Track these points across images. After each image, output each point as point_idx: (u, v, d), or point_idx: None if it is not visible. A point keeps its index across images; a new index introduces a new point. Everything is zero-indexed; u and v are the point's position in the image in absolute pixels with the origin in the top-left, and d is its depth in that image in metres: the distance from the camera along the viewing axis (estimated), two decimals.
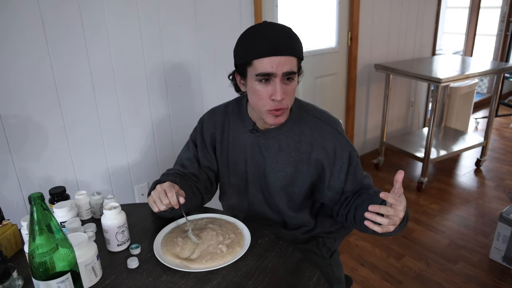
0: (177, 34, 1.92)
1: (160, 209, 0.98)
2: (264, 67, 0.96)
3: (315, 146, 1.08)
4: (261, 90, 0.99)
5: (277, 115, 1.02)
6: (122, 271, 0.94)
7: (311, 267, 0.93)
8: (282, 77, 0.98)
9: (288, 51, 0.96)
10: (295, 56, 0.99)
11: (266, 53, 0.95)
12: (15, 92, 1.54)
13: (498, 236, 2.05)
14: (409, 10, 3.18)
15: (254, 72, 0.98)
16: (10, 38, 1.48)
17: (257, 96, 1.01)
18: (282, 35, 0.98)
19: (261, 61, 0.96)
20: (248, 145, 1.14)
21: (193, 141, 1.23)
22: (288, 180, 1.12)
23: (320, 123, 1.10)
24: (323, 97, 2.87)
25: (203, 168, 1.21)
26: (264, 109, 1.01)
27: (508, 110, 4.39)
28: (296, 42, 1.00)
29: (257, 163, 1.14)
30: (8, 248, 1.00)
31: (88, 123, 1.76)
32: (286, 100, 1.00)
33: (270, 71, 0.96)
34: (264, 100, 1.00)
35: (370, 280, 1.98)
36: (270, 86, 0.98)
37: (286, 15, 2.44)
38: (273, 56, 0.95)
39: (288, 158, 1.10)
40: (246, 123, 1.14)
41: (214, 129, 1.19)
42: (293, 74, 0.99)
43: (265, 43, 0.96)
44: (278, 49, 0.95)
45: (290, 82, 1.00)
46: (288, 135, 1.10)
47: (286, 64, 0.96)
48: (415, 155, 2.91)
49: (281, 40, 0.96)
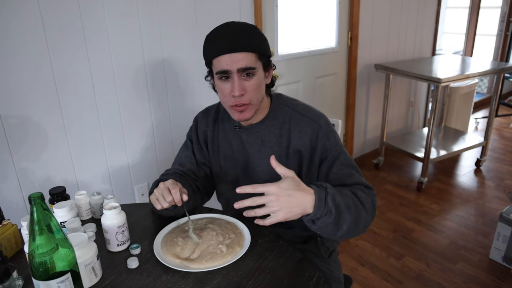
0: (177, 34, 1.92)
1: (163, 206, 0.98)
2: (221, 65, 1.00)
3: (294, 138, 1.09)
4: (222, 87, 1.03)
5: (241, 111, 1.04)
6: (122, 271, 0.94)
7: (311, 267, 0.93)
8: (240, 74, 1.00)
9: (243, 48, 0.99)
10: (251, 52, 1.00)
11: (221, 51, 0.99)
12: (15, 92, 1.54)
13: (498, 236, 2.05)
14: (409, 10, 3.17)
15: (215, 71, 1.03)
16: (10, 38, 1.48)
17: (220, 93, 1.06)
18: (237, 33, 1.00)
19: (218, 59, 1.00)
20: (234, 141, 1.17)
21: (190, 139, 1.26)
22: (273, 174, 1.12)
23: (299, 116, 1.11)
24: (323, 97, 2.87)
25: (201, 165, 1.23)
26: (228, 105, 1.05)
27: (508, 110, 4.39)
28: (253, 39, 1.01)
29: (243, 159, 1.16)
30: (8, 248, 1.00)
31: (88, 123, 1.76)
32: (247, 96, 1.02)
33: (226, 68, 0.99)
34: (227, 97, 1.04)
35: (370, 280, 1.98)
36: (229, 83, 1.02)
37: (286, 15, 2.44)
38: (227, 53, 0.98)
39: (270, 153, 1.11)
40: (232, 120, 1.17)
41: (207, 127, 1.22)
42: (251, 70, 1.01)
43: (220, 42, 1.00)
44: (232, 46, 0.98)
45: (250, 78, 1.02)
46: (270, 130, 1.12)
47: (241, 61, 0.99)
48: (415, 155, 2.91)
49: (236, 38, 0.99)
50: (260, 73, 1.04)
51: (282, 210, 0.85)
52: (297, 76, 2.65)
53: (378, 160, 3.21)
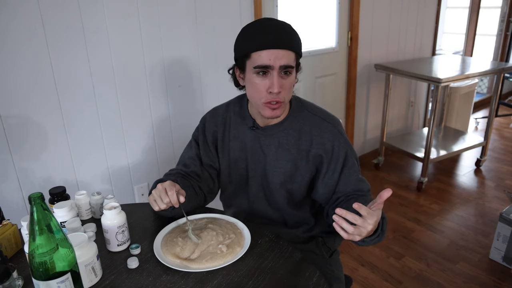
0: (177, 34, 1.92)
1: (161, 207, 0.99)
2: (262, 60, 0.98)
3: (314, 143, 1.09)
4: (258, 82, 1.02)
5: (274, 108, 1.04)
6: (122, 271, 0.94)
7: (311, 267, 0.93)
8: (279, 70, 1.00)
9: (286, 45, 0.99)
10: (293, 51, 1.01)
11: (264, 46, 0.98)
12: (15, 92, 1.54)
13: (498, 236, 2.05)
14: (409, 10, 3.17)
15: (252, 65, 1.01)
16: (10, 38, 1.48)
17: (254, 89, 1.04)
18: (281, 30, 1.00)
19: (259, 53, 0.99)
20: (249, 142, 1.15)
21: (195, 140, 1.24)
22: (288, 177, 1.12)
23: (319, 121, 1.11)
24: (323, 97, 2.87)
25: (205, 167, 1.21)
26: (261, 101, 1.04)
27: (508, 110, 4.39)
28: (294, 38, 1.02)
29: (257, 160, 1.15)
30: (8, 248, 1.00)
31: (88, 123, 1.76)
32: (283, 94, 1.02)
33: (267, 64, 0.98)
34: (262, 93, 1.02)
35: (370, 280, 1.98)
36: (267, 79, 1.01)
37: (286, 15, 2.44)
38: (271, 49, 0.98)
39: (288, 155, 1.11)
40: (246, 120, 1.15)
41: (216, 127, 1.20)
42: (291, 68, 1.01)
43: (264, 36, 0.98)
44: (276, 42, 0.98)
45: (288, 76, 1.02)
46: (288, 132, 1.11)
47: (283, 58, 0.98)
48: (415, 155, 2.91)
49: (280, 35, 0.99)
50: (294, 73, 1.05)
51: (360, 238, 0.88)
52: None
53: (378, 160, 3.21)
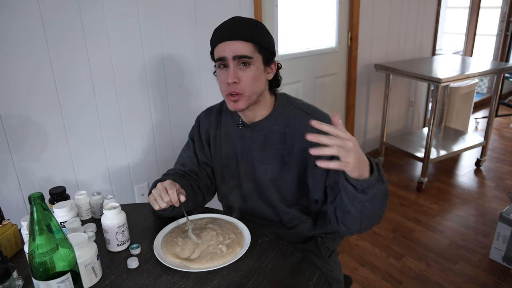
0: (177, 34, 1.92)
1: (161, 206, 0.98)
2: (219, 52, 1.03)
3: (299, 137, 1.09)
4: (220, 75, 1.06)
5: (234, 100, 1.04)
6: (122, 271, 0.94)
7: (311, 267, 0.93)
8: (236, 62, 1.01)
9: (241, 37, 1.00)
10: (250, 41, 1.01)
11: (220, 39, 1.02)
12: (15, 92, 1.54)
13: (498, 236, 2.05)
14: (409, 10, 3.17)
15: (215, 59, 1.06)
16: (10, 38, 1.48)
17: (219, 82, 1.08)
18: (239, 23, 1.03)
19: (217, 47, 1.03)
20: (237, 140, 1.16)
21: (192, 139, 1.25)
22: (276, 173, 1.12)
23: (304, 115, 1.10)
24: (323, 97, 2.87)
25: (202, 165, 1.23)
26: (224, 94, 1.07)
27: (508, 110, 4.39)
28: (254, 30, 1.03)
29: (246, 157, 1.16)
30: (8, 248, 1.00)
31: (88, 123, 1.76)
32: (241, 85, 1.03)
33: (222, 55, 1.02)
34: (223, 85, 1.05)
35: (370, 280, 1.98)
36: (226, 71, 1.03)
37: (286, 15, 2.44)
38: (225, 41, 1.01)
39: (274, 151, 1.11)
40: (234, 118, 1.17)
41: (209, 126, 1.22)
42: (247, 59, 1.01)
43: (221, 31, 1.03)
44: (230, 34, 1.01)
45: (246, 68, 1.02)
46: (274, 128, 1.11)
47: (237, 48, 1.00)
48: (415, 155, 2.91)
49: (236, 28, 1.02)
50: (258, 65, 1.04)
51: (354, 159, 0.81)
52: (297, 76, 2.65)
53: (378, 160, 3.21)
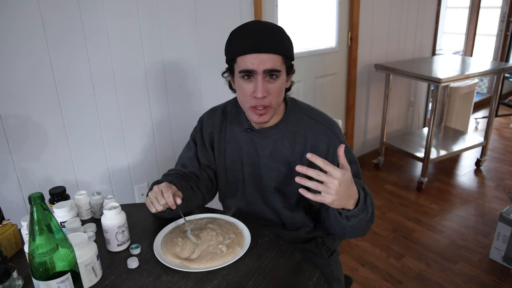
0: (177, 34, 1.92)
1: (158, 209, 0.99)
2: (246, 64, 0.98)
3: (308, 146, 1.08)
4: (244, 87, 1.01)
5: (261, 114, 1.02)
6: (122, 271, 0.94)
7: (311, 267, 0.93)
8: (264, 75, 0.98)
9: (270, 49, 0.97)
10: (278, 54, 0.98)
11: (248, 50, 0.97)
12: (15, 92, 1.54)
13: (498, 236, 2.05)
14: (409, 10, 3.17)
15: (238, 69, 1.00)
16: (10, 38, 1.48)
17: (241, 93, 1.03)
18: (266, 33, 0.98)
19: (243, 58, 0.98)
20: (244, 144, 1.15)
21: (193, 140, 1.23)
22: (282, 179, 1.12)
23: (315, 123, 1.10)
24: (323, 97, 2.87)
25: (203, 167, 1.21)
26: (247, 106, 1.03)
27: (508, 110, 4.39)
28: (281, 41, 1.00)
29: (252, 163, 1.15)
30: (8, 248, 1.00)
31: (88, 123, 1.76)
32: (269, 98, 1.00)
33: (251, 68, 0.97)
34: (247, 97, 1.01)
35: (370, 280, 1.98)
36: (252, 83, 1.00)
37: (286, 15, 2.44)
38: (254, 53, 0.96)
39: (282, 158, 1.10)
40: (242, 122, 1.15)
41: (213, 128, 1.20)
42: (276, 72, 0.99)
43: (247, 40, 0.98)
44: (260, 46, 0.96)
45: (274, 81, 1.00)
46: (283, 135, 1.10)
47: (267, 62, 0.97)
48: (415, 155, 2.91)
49: (263, 38, 0.97)
50: (283, 76, 1.02)
51: (335, 196, 0.83)
52: (297, 76, 2.64)
53: (378, 160, 3.21)
